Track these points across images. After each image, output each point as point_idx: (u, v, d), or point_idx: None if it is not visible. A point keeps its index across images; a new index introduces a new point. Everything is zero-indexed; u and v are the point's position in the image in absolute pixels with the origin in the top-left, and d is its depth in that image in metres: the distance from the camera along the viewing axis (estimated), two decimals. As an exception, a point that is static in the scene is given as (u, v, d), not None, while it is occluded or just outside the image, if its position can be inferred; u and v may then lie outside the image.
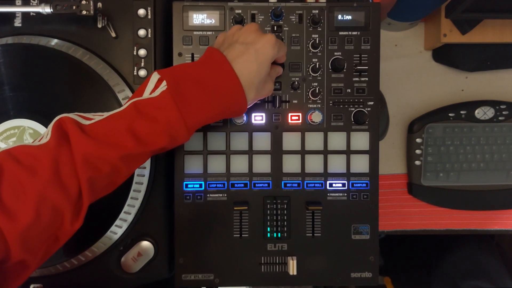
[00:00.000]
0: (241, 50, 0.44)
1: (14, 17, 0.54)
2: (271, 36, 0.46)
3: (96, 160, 0.38)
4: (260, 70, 0.45)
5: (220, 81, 0.43)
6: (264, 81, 0.47)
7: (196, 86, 0.43)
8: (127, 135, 0.40)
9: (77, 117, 0.41)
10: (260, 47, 0.45)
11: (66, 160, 0.38)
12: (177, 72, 0.44)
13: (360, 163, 0.56)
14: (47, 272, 0.53)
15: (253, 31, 0.46)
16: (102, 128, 0.40)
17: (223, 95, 0.44)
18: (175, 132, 0.42)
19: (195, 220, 0.55)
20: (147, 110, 0.41)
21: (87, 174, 0.38)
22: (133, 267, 0.55)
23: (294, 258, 0.54)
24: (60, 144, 0.38)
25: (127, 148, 0.40)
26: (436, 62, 0.72)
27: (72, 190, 0.38)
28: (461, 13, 0.58)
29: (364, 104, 0.56)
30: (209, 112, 0.44)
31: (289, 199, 0.55)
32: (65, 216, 0.38)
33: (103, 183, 0.40)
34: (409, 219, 0.71)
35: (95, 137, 0.39)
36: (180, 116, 0.41)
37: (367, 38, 0.55)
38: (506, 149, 0.68)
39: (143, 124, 0.40)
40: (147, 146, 0.41)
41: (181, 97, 0.41)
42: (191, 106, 0.42)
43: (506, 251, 0.85)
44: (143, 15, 0.54)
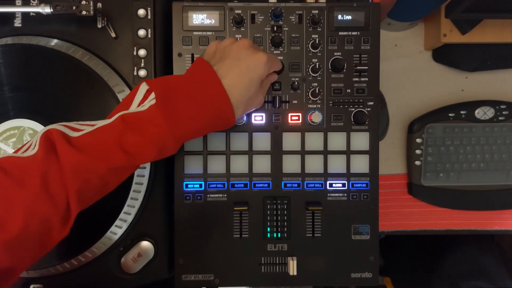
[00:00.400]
0: (231, 66, 0.44)
1: (14, 17, 0.54)
2: (263, 55, 0.45)
3: (84, 172, 0.39)
4: (250, 87, 0.45)
5: (209, 97, 0.43)
6: (254, 96, 0.47)
7: (185, 101, 0.42)
8: (116, 148, 0.40)
9: (65, 129, 0.41)
10: (251, 65, 0.45)
11: (55, 172, 0.38)
12: (166, 84, 0.43)
13: (360, 163, 0.56)
14: (47, 272, 0.53)
15: (246, 47, 0.46)
16: (90, 141, 0.40)
17: (212, 110, 0.43)
18: (163, 145, 0.42)
19: (195, 220, 0.55)
20: (136, 123, 0.41)
21: (75, 186, 0.38)
22: (133, 267, 0.55)
23: (294, 258, 0.54)
24: (48, 156, 0.38)
25: (116, 161, 0.40)
26: (436, 62, 0.72)
27: (60, 202, 0.38)
28: (461, 13, 0.58)
29: (364, 104, 0.56)
30: (197, 126, 0.43)
31: (289, 199, 0.55)
32: (53, 226, 0.38)
33: (91, 193, 0.41)
34: (409, 219, 0.71)
35: (83, 150, 0.39)
36: (169, 129, 0.41)
37: (367, 38, 0.55)
38: (506, 149, 0.68)
39: (132, 137, 0.40)
40: (135, 159, 0.41)
41: (169, 111, 0.41)
42: (180, 121, 0.42)
43: (506, 251, 0.85)
44: (143, 15, 0.54)
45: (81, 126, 0.42)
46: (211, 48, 0.48)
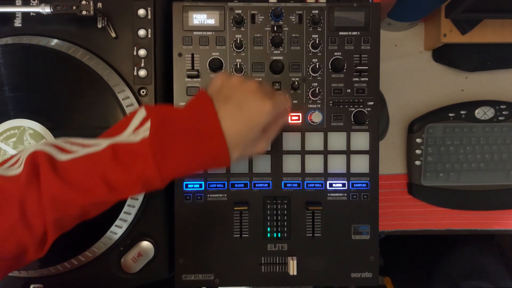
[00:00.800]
0: (234, 109, 0.42)
1: (14, 17, 0.54)
2: (268, 103, 0.43)
3: (64, 203, 0.38)
4: (249, 134, 0.43)
5: (205, 137, 0.42)
6: (254, 142, 0.45)
7: (179, 137, 0.41)
8: (100, 183, 0.39)
9: (53, 150, 0.40)
10: (254, 112, 0.43)
11: (34, 200, 0.37)
12: (163, 116, 0.42)
13: (360, 163, 0.56)
14: (47, 272, 0.53)
15: (253, 92, 0.44)
16: (75, 169, 0.39)
17: (206, 151, 0.42)
18: (148, 183, 0.41)
19: (195, 220, 0.55)
20: (124, 156, 0.40)
21: (53, 216, 0.38)
22: (133, 267, 0.55)
23: (294, 258, 0.54)
24: (30, 182, 0.38)
25: (98, 195, 0.39)
26: (436, 62, 0.72)
27: (37, 229, 0.38)
28: (461, 13, 0.58)
29: (364, 104, 0.56)
30: (188, 166, 0.42)
31: (289, 199, 0.55)
32: (28, 250, 0.38)
33: (70, 222, 0.41)
34: (409, 219, 0.71)
35: (66, 179, 0.38)
36: (156, 168, 0.40)
37: (367, 38, 0.55)
38: (506, 149, 0.68)
39: (118, 172, 0.39)
40: (119, 194, 0.40)
41: (160, 148, 0.40)
42: (170, 159, 0.40)
43: (506, 251, 0.85)
44: (143, 15, 0.54)
45: (72, 146, 0.41)
46: (218, 82, 0.46)
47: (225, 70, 0.55)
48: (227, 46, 0.55)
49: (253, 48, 0.55)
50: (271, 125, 0.47)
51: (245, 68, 0.55)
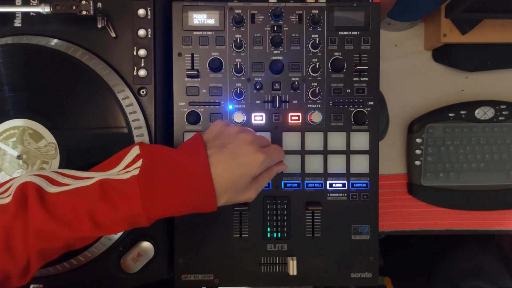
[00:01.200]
0: (226, 159, 0.43)
1: (14, 17, 0.54)
2: (261, 155, 0.45)
3: (49, 236, 0.39)
4: (238, 182, 0.44)
5: (194, 181, 0.42)
6: (243, 190, 0.46)
7: (168, 179, 0.41)
8: (85, 219, 0.39)
9: (43, 182, 0.40)
10: (246, 163, 0.44)
11: (19, 231, 0.38)
12: (156, 156, 0.42)
13: (360, 163, 0.56)
14: (47, 272, 0.53)
15: (247, 143, 0.45)
16: (63, 203, 0.39)
17: (194, 195, 0.42)
18: (134, 222, 0.41)
19: (195, 220, 0.55)
20: (112, 193, 0.40)
21: (37, 247, 0.38)
22: (132, 267, 0.55)
23: (294, 258, 0.54)
24: (17, 213, 0.38)
25: (83, 231, 0.39)
26: (436, 62, 0.72)
27: (21, 259, 0.38)
28: (461, 13, 0.58)
29: (364, 104, 0.55)
30: (174, 208, 0.42)
31: (289, 199, 0.55)
32: (11, 277, 0.39)
33: (53, 253, 0.41)
34: (409, 219, 0.71)
35: (52, 213, 0.39)
36: (143, 208, 0.40)
37: (367, 38, 0.55)
38: (506, 149, 0.68)
39: (104, 209, 0.40)
40: (104, 231, 0.41)
41: (148, 188, 0.40)
42: (157, 200, 0.41)
43: (506, 251, 0.85)
44: (143, 15, 0.54)
45: (63, 178, 0.42)
46: (215, 128, 0.47)
47: (224, 70, 0.55)
48: (227, 46, 0.55)
49: (253, 48, 0.55)
50: (263, 175, 0.48)
51: (244, 68, 0.54)
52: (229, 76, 0.55)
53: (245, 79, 0.55)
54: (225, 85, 0.55)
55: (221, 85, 0.55)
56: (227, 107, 0.55)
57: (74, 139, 0.52)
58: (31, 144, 0.51)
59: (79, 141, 0.52)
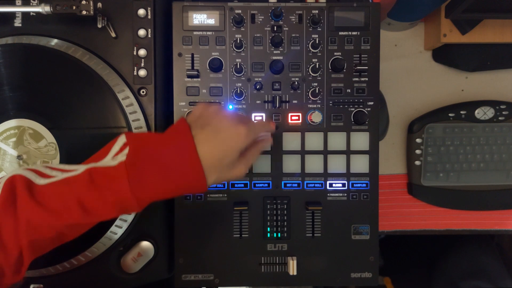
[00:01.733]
0: (209, 135, 0.44)
1: (14, 17, 0.54)
2: (243, 127, 0.45)
3: (39, 226, 0.39)
4: (225, 157, 0.44)
5: (181, 161, 0.42)
6: (232, 165, 0.46)
7: (156, 163, 0.42)
8: (75, 206, 0.39)
9: (32, 175, 0.41)
10: (229, 137, 0.44)
11: (9, 223, 0.38)
12: (142, 142, 0.43)
13: (360, 163, 0.56)
14: (47, 272, 0.53)
15: (228, 118, 0.46)
16: (52, 193, 0.40)
17: (183, 176, 0.43)
18: (124, 206, 0.41)
19: (195, 220, 0.55)
20: (100, 180, 0.40)
21: (28, 238, 0.38)
22: (133, 267, 0.55)
23: (294, 258, 0.54)
24: (6, 206, 0.38)
25: (73, 218, 0.40)
26: (436, 62, 0.72)
27: (12, 252, 0.38)
28: (461, 13, 0.58)
29: (364, 104, 0.56)
30: (165, 190, 0.43)
31: (289, 199, 0.55)
32: (5, 272, 0.39)
33: (46, 244, 0.41)
34: (409, 219, 0.71)
35: (42, 203, 0.39)
36: (132, 191, 0.40)
37: (367, 38, 0.55)
38: (506, 149, 0.68)
39: (93, 195, 0.40)
40: (94, 216, 0.41)
41: (136, 171, 0.40)
42: (145, 183, 0.41)
43: (506, 251, 0.85)
44: (143, 15, 0.54)
45: (52, 171, 0.42)
46: (198, 110, 0.48)
47: (224, 70, 0.55)
48: (227, 46, 0.55)
49: (253, 48, 0.55)
50: (250, 150, 0.48)
51: (245, 68, 0.55)
52: (229, 76, 0.55)
53: (245, 79, 0.55)
54: (225, 85, 0.55)
55: (221, 85, 0.55)
56: (227, 107, 0.55)
57: (74, 139, 0.52)
58: (31, 144, 0.51)
59: (79, 141, 0.52)
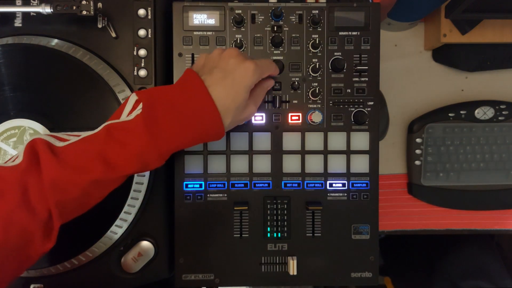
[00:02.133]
0: (219, 76, 0.44)
1: (14, 17, 0.54)
2: (250, 63, 0.45)
3: (65, 184, 0.39)
4: (238, 96, 0.44)
5: (196, 106, 0.43)
6: (244, 106, 0.46)
7: (171, 111, 0.42)
8: (97, 160, 0.40)
9: (51, 138, 0.41)
10: (238, 74, 0.44)
11: (35, 184, 0.38)
12: (154, 95, 0.43)
13: (360, 163, 0.56)
14: (47, 272, 0.53)
15: (233, 56, 0.45)
16: (73, 151, 0.40)
17: (199, 121, 0.43)
18: (145, 158, 0.41)
19: (195, 220, 0.55)
20: (119, 134, 0.41)
21: (55, 198, 0.38)
22: (133, 267, 0.55)
23: (294, 258, 0.54)
24: (30, 167, 0.38)
25: (97, 173, 0.39)
26: (436, 62, 0.72)
27: (41, 214, 0.38)
28: (461, 13, 0.58)
29: (364, 104, 0.56)
30: (183, 138, 0.43)
31: (289, 199, 0.55)
32: (35, 238, 0.38)
33: (73, 205, 0.41)
34: (409, 219, 0.71)
35: (65, 161, 0.39)
36: (151, 142, 0.41)
37: (367, 38, 0.55)
38: (506, 149, 0.68)
39: (114, 149, 0.40)
40: (117, 171, 0.41)
41: (154, 123, 0.41)
42: (164, 133, 0.41)
43: (506, 251, 0.85)
44: (143, 15, 0.54)
45: (68, 136, 0.42)
46: (200, 60, 0.48)
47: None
48: (227, 46, 0.55)
49: (253, 48, 0.55)
50: (256, 90, 0.48)
51: (245, 68, 0.55)
52: (229, 76, 0.55)
53: (245, 79, 0.55)
54: (225, 85, 0.55)
55: (221, 85, 0.55)
56: None
57: (74, 139, 0.52)
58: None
59: (80, 141, 0.52)
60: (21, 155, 0.39)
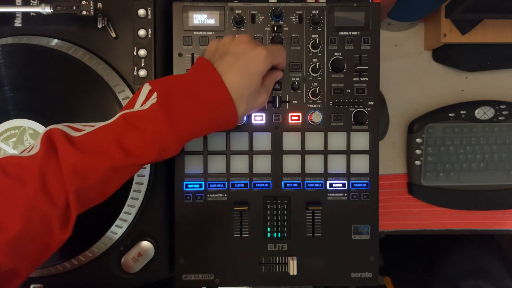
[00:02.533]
0: (231, 62, 0.44)
1: (14, 17, 0.54)
2: (262, 49, 0.45)
3: (84, 171, 0.38)
4: (251, 83, 0.44)
5: (210, 93, 0.43)
6: (256, 93, 0.46)
7: (186, 98, 0.42)
8: (116, 147, 0.40)
9: (67, 128, 0.41)
10: (250, 60, 0.44)
11: (54, 171, 0.38)
12: (167, 83, 0.43)
13: (360, 163, 0.56)
14: (47, 272, 0.53)
15: (245, 42, 0.45)
16: (90, 140, 0.40)
17: (214, 108, 0.43)
18: (164, 144, 0.42)
19: (195, 220, 0.55)
20: (136, 122, 0.41)
21: (74, 185, 0.38)
22: (133, 267, 0.55)
23: (294, 258, 0.54)
24: (48, 155, 0.38)
25: (116, 159, 0.40)
26: (436, 62, 0.72)
27: (60, 201, 0.38)
28: (461, 13, 0.58)
29: (364, 104, 0.56)
30: (200, 124, 0.43)
31: (289, 199, 0.55)
32: (54, 225, 0.38)
33: (91, 193, 0.40)
34: (409, 219, 0.71)
35: (83, 149, 0.39)
36: (170, 127, 0.41)
37: (367, 38, 0.55)
38: (506, 149, 0.68)
39: (132, 135, 0.40)
40: (135, 158, 0.41)
41: (171, 109, 0.41)
42: (181, 118, 0.42)
43: (506, 251, 0.85)
44: (143, 15, 0.54)
45: (84, 126, 0.42)
46: (212, 46, 0.48)
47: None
48: (227, 46, 0.55)
49: (253, 48, 0.55)
50: (266, 78, 0.48)
51: (245, 68, 0.54)
52: (229, 76, 0.55)
53: (245, 79, 0.55)
54: (225, 85, 0.55)
55: (221, 85, 0.55)
56: None
57: (74, 139, 0.52)
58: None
59: (80, 141, 0.52)
60: (38, 145, 0.39)
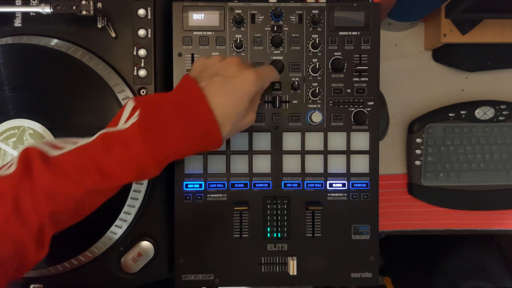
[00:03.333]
0: (219, 84, 0.43)
1: (14, 17, 0.54)
2: (252, 72, 0.44)
3: (58, 195, 0.38)
4: (237, 106, 0.43)
5: (193, 115, 0.42)
6: (243, 115, 0.45)
7: (169, 118, 0.41)
8: (92, 170, 0.39)
9: (45, 147, 0.40)
10: (239, 83, 0.43)
11: (27, 195, 0.37)
12: (151, 102, 0.42)
13: (360, 163, 0.56)
14: (47, 272, 0.53)
15: (235, 64, 0.44)
16: (67, 161, 0.39)
17: (196, 130, 0.42)
18: (141, 167, 0.40)
19: (195, 220, 0.55)
20: (114, 143, 0.39)
21: (48, 209, 0.37)
22: (133, 267, 0.55)
23: (294, 258, 0.54)
24: (23, 177, 0.37)
25: (91, 183, 0.39)
26: (436, 62, 0.72)
27: (33, 225, 0.37)
28: (461, 13, 0.58)
29: (364, 104, 0.56)
30: (180, 147, 0.42)
31: (289, 199, 0.55)
32: (27, 248, 0.38)
33: (66, 217, 0.40)
34: (409, 219, 0.71)
35: (58, 172, 0.38)
36: (147, 150, 0.39)
37: (367, 38, 0.55)
38: (506, 149, 0.68)
39: (108, 157, 0.39)
40: (112, 181, 0.40)
41: (150, 131, 0.40)
42: (161, 141, 0.40)
43: (506, 251, 0.85)
44: (143, 15, 0.54)
45: (64, 143, 0.41)
46: (198, 64, 0.47)
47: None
48: (227, 46, 0.55)
49: (253, 48, 0.55)
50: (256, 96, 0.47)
51: (245, 68, 0.54)
52: (229, 76, 0.55)
53: (245, 79, 0.55)
54: (225, 85, 0.55)
55: (221, 85, 0.55)
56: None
57: (74, 139, 0.52)
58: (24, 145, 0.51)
59: (79, 141, 0.52)
60: (15, 163, 0.39)
